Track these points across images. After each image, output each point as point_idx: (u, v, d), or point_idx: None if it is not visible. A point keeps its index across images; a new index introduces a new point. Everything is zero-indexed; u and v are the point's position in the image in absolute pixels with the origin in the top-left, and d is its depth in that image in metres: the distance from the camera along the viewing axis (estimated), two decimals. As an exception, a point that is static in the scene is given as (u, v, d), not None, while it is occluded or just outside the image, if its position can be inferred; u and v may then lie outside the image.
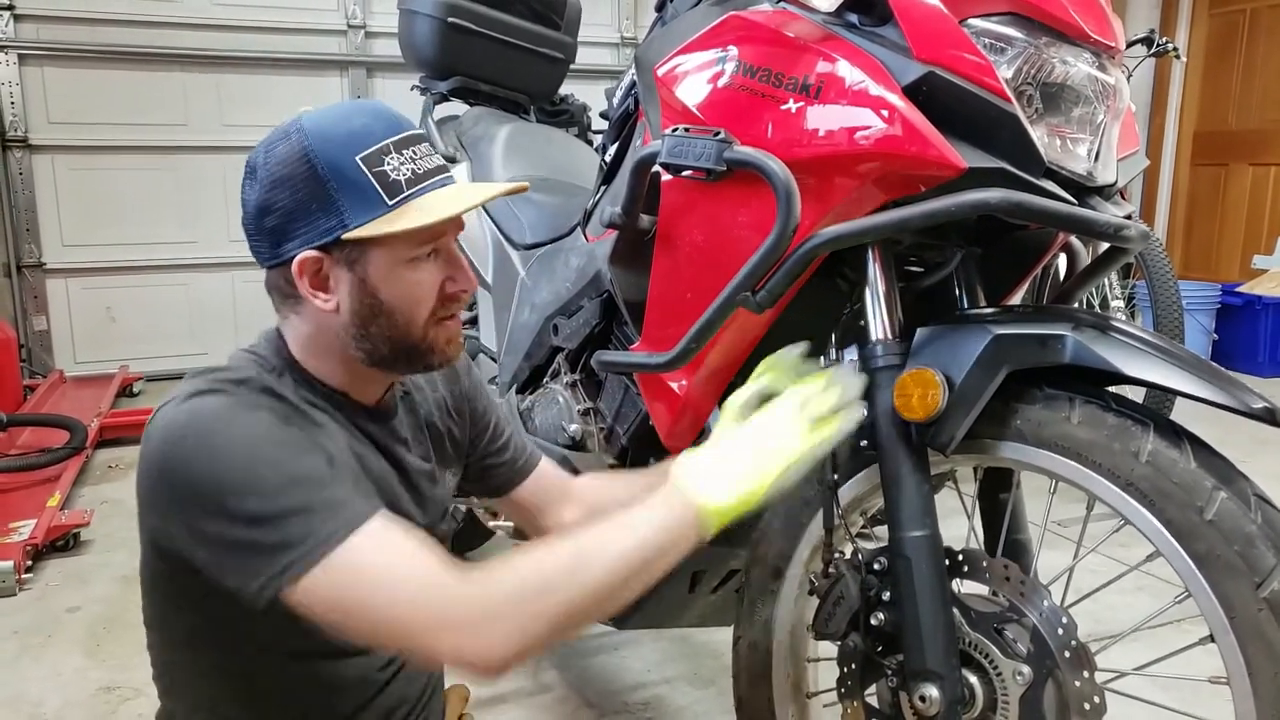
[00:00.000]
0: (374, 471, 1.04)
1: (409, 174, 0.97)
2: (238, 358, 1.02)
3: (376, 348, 1.00)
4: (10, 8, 4.06)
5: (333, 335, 1.01)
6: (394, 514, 0.93)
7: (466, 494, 1.31)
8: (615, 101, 1.54)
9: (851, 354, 1.14)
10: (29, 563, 2.38)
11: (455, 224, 1.01)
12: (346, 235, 0.95)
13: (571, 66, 2.56)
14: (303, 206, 0.95)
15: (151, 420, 0.93)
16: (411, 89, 2.49)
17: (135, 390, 4.14)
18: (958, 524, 1.17)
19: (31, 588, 2.32)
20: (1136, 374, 0.93)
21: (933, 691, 1.00)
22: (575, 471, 1.54)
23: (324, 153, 0.95)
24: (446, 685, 1.28)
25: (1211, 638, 0.91)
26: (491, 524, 1.84)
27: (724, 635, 1.41)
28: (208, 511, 0.87)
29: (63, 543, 2.52)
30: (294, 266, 0.96)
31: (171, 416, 0.91)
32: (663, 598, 1.51)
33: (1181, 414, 1.37)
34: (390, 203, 0.95)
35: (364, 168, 0.95)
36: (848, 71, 1.03)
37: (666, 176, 1.20)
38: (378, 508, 0.91)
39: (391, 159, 0.97)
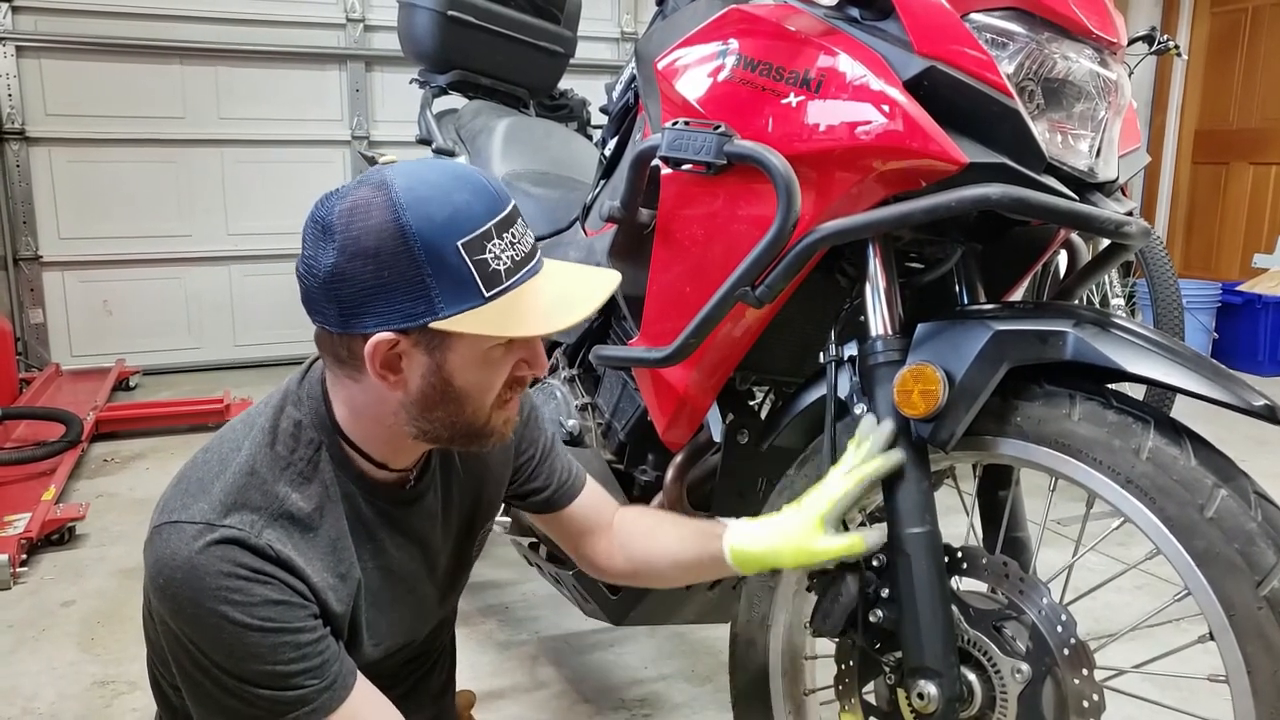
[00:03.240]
0: (395, 566, 1.05)
1: (508, 262, 0.90)
2: (269, 439, 0.96)
3: (434, 428, 0.96)
4: (8, -1, 4.05)
5: (389, 410, 0.95)
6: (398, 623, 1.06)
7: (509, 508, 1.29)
8: (615, 95, 1.53)
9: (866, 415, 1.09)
10: (24, 556, 2.37)
11: None
12: (435, 325, 0.88)
13: (571, 61, 2.55)
14: (388, 286, 0.87)
15: (159, 536, 0.90)
16: (410, 82, 2.49)
17: (132, 384, 4.12)
18: (957, 521, 1.17)
19: (26, 581, 2.31)
20: (1137, 371, 0.93)
21: (931, 689, 0.99)
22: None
23: (424, 233, 0.86)
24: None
25: (1211, 636, 0.90)
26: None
27: (721, 632, 1.40)
28: (199, 668, 0.91)
29: (58, 536, 2.51)
30: (368, 346, 0.89)
31: (173, 566, 0.88)
32: (660, 594, 1.50)
33: (1182, 412, 1.37)
34: (487, 295, 0.89)
35: (465, 255, 0.88)
36: (849, 66, 1.02)
37: (666, 170, 1.20)
38: (352, 683, 0.95)
39: (493, 245, 0.89)
